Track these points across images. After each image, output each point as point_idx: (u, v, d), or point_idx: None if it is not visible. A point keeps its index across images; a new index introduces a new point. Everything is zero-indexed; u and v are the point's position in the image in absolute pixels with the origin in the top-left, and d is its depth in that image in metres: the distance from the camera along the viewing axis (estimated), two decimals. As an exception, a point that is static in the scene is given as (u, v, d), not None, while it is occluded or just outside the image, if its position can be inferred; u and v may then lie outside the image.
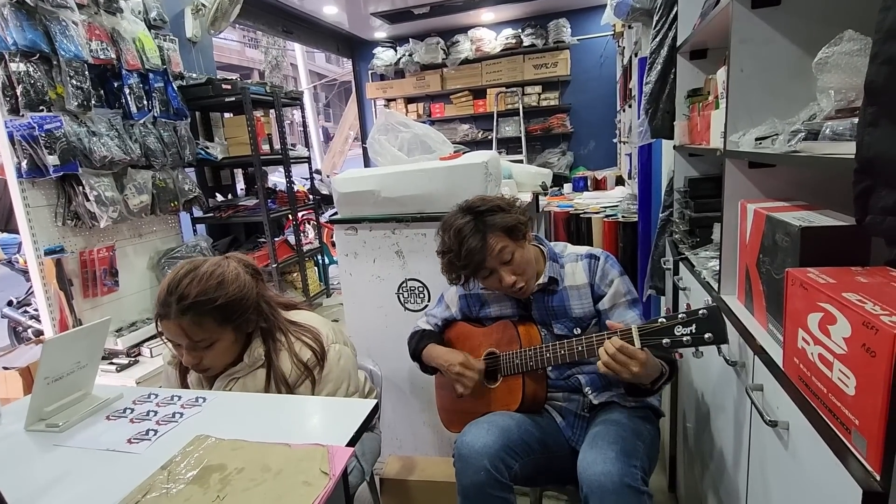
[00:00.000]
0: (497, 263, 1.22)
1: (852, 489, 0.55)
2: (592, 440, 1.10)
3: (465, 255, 1.21)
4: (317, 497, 0.58)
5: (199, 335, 1.01)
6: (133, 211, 2.48)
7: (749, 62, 1.03)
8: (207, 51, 3.46)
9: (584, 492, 1.01)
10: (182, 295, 0.99)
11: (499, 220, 1.22)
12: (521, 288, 1.24)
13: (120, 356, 2.42)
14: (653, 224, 2.20)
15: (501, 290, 1.26)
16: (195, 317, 0.99)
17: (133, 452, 0.74)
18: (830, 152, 0.68)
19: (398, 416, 1.86)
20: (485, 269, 1.22)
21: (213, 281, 1.02)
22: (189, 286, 1.00)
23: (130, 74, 2.50)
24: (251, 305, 1.07)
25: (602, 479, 0.99)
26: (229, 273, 1.06)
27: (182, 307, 0.98)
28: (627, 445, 1.07)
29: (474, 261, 1.21)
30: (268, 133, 3.37)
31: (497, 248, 1.21)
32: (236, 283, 1.05)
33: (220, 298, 1.01)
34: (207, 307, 1.00)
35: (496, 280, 1.24)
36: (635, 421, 1.17)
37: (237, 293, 1.04)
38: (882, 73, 0.43)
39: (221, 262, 1.08)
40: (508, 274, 1.22)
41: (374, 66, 5.79)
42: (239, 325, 1.06)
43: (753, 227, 0.96)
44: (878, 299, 0.60)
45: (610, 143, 5.17)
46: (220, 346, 1.05)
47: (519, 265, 1.23)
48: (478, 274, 1.24)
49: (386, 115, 2.04)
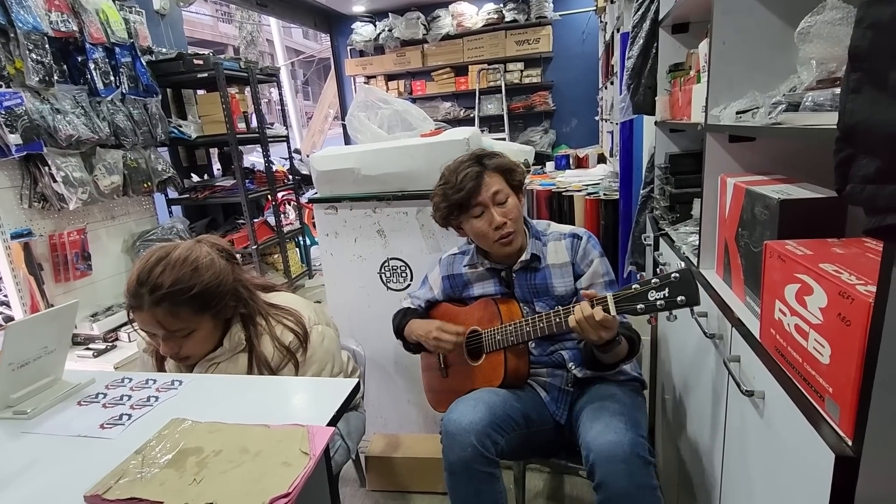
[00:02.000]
0: (490, 201, 1.22)
1: (825, 454, 0.57)
2: (596, 412, 1.11)
3: (461, 180, 1.21)
4: (296, 477, 0.58)
5: (175, 325, 0.97)
6: (104, 192, 2.39)
7: (731, 34, 1.02)
8: (177, 24, 3.31)
9: (592, 460, 1.01)
10: (155, 285, 0.94)
11: (497, 161, 1.26)
12: (511, 235, 1.23)
13: (96, 341, 2.37)
14: (634, 201, 2.21)
15: (489, 235, 1.23)
16: (171, 307, 0.95)
17: (106, 438, 0.72)
18: (811, 123, 0.68)
19: (382, 394, 1.86)
20: (477, 203, 1.22)
21: (188, 268, 0.97)
22: (162, 275, 0.95)
23: (95, 48, 2.38)
24: (228, 291, 1.03)
25: (613, 449, 1.00)
26: (203, 259, 1.01)
27: (156, 298, 0.94)
28: (631, 416, 1.08)
29: (468, 188, 1.20)
30: (243, 111, 3.27)
31: (493, 185, 1.22)
32: (211, 270, 1.00)
33: (195, 286, 0.96)
34: (183, 296, 0.95)
35: (486, 221, 1.22)
36: (628, 394, 1.20)
37: (213, 280, 0.99)
38: (867, 38, 0.42)
39: (193, 246, 1.03)
40: (500, 214, 1.22)
41: (352, 42, 5.64)
42: (217, 313, 1.02)
43: (733, 201, 0.97)
44: (854, 269, 0.61)
45: (592, 121, 5.16)
46: (199, 334, 1.01)
47: (511, 210, 1.24)
48: (471, 204, 1.22)
49: (365, 92, 1.99)
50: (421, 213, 1.66)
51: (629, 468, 0.98)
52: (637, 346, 1.19)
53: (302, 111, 11.20)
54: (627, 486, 0.97)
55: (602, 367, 1.19)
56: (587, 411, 1.14)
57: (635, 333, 1.19)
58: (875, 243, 0.69)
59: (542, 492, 1.68)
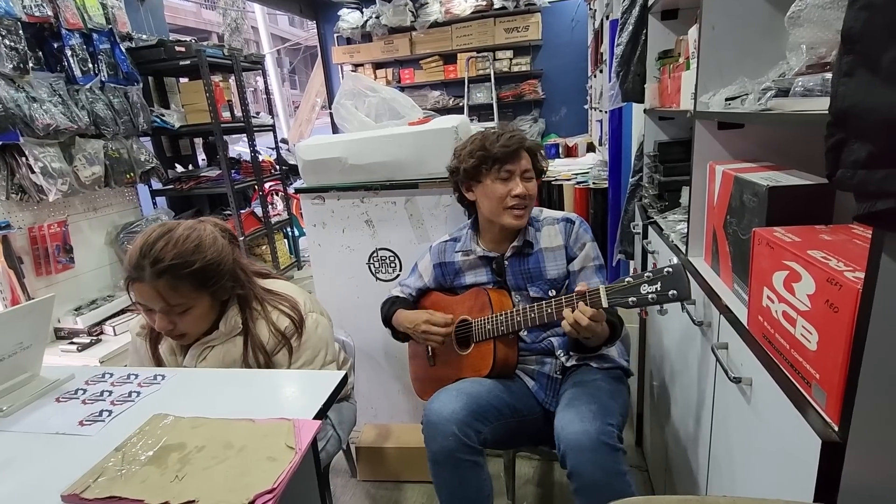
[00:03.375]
0: (520, 173, 1.25)
1: (812, 440, 0.57)
2: (569, 401, 1.12)
3: (507, 141, 1.23)
4: (282, 472, 0.57)
5: (174, 299, 0.97)
6: (85, 183, 2.33)
7: (721, 19, 1.01)
8: (157, 10, 3.22)
9: (562, 449, 1.03)
10: (157, 258, 0.94)
11: (532, 143, 1.30)
12: (524, 209, 1.25)
13: (81, 335, 2.33)
14: (623, 190, 2.21)
15: (503, 201, 1.24)
16: (171, 280, 0.95)
17: (85, 435, 0.70)
18: (801, 109, 0.67)
19: (372, 385, 1.85)
20: (510, 168, 1.24)
21: (190, 244, 0.97)
22: (164, 249, 0.95)
23: (71, 34, 2.31)
24: (228, 271, 1.03)
25: (580, 437, 1.01)
26: (206, 237, 1.01)
27: (157, 270, 0.94)
28: (602, 405, 1.09)
29: (512, 148, 1.23)
30: (228, 100, 3.20)
31: (525, 160, 1.26)
32: (214, 247, 1.00)
33: (197, 262, 0.97)
34: (184, 270, 0.95)
35: (507, 189, 1.24)
36: (608, 381, 1.20)
37: (215, 257, 1.00)
38: (861, 19, 0.41)
39: (196, 225, 1.03)
40: (522, 187, 1.24)
41: (339, 29, 5.53)
42: (215, 291, 1.02)
43: (721, 189, 0.97)
44: (842, 256, 0.60)
45: (581, 110, 5.14)
46: (196, 311, 1.01)
47: (531, 189, 1.26)
48: (506, 162, 1.23)
49: (352, 80, 1.95)
50: (409, 203, 1.64)
51: (596, 456, 0.99)
52: (619, 330, 1.21)
53: (289, 100, 11.04)
54: (596, 474, 0.99)
55: (586, 349, 1.21)
56: (563, 400, 1.16)
57: (617, 318, 1.20)
58: (862, 230, 0.69)
59: (532, 479, 1.69)
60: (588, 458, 0.99)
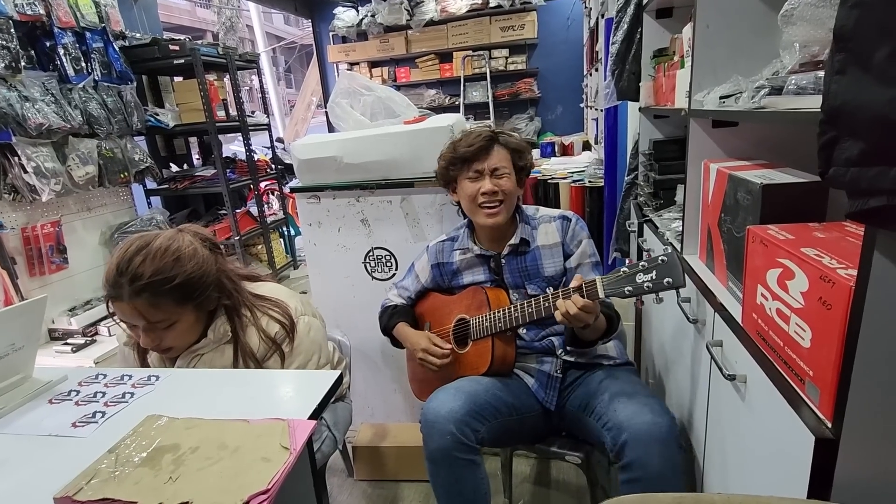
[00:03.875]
0: (489, 172, 1.25)
1: (805, 437, 0.57)
2: (625, 393, 1.09)
3: (473, 140, 1.26)
4: (276, 472, 0.56)
5: (156, 316, 0.94)
6: (78, 183, 2.32)
7: (715, 18, 1.01)
8: (151, 8, 3.20)
9: (624, 440, 1.00)
10: (135, 275, 0.91)
11: (510, 139, 1.30)
12: (496, 207, 1.25)
13: (75, 336, 2.32)
14: (619, 188, 2.22)
15: (475, 200, 1.27)
16: (151, 297, 0.92)
17: (78, 437, 0.70)
18: (794, 107, 0.67)
19: (369, 384, 1.85)
20: (477, 169, 1.26)
21: (169, 258, 0.94)
22: (142, 265, 0.92)
23: (64, 33, 2.29)
24: (212, 282, 1.00)
25: (652, 429, 0.99)
26: (185, 248, 0.98)
27: (136, 288, 0.91)
28: (660, 400, 1.08)
29: (476, 146, 1.25)
30: (223, 98, 3.18)
31: (497, 160, 1.26)
32: (194, 260, 0.97)
33: (177, 277, 0.93)
34: (164, 287, 0.92)
35: (477, 187, 1.26)
36: (637, 377, 1.21)
37: (196, 270, 0.97)
38: (852, 17, 0.41)
39: (175, 236, 1.00)
40: (491, 184, 1.24)
41: (335, 28, 5.52)
42: (200, 304, 1.00)
43: (716, 187, 0.97)
44: (835, 253, 0.61)
45: (577, 109, 5.14)
46: (181, 326, 0.98)
47: (505, 185, 1.25)
48: (471, 165, 1.26)
49: (348, 78, 1.94)
50: (405, 202, 1.64)
51: (667, 449, 0.97)
52: (616, 324, 1.20)
53: (284, 99, 10.99)
54: (662, 467, 0.96)
55: (583, 343, 1.20)
56: (609, 394, 1.12)
57: (614, 311, 1.20)
58: (855, 227, 0.69)
59: (529, 477, 1.70)
60: (657, 450, 0.97)
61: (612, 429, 1.04)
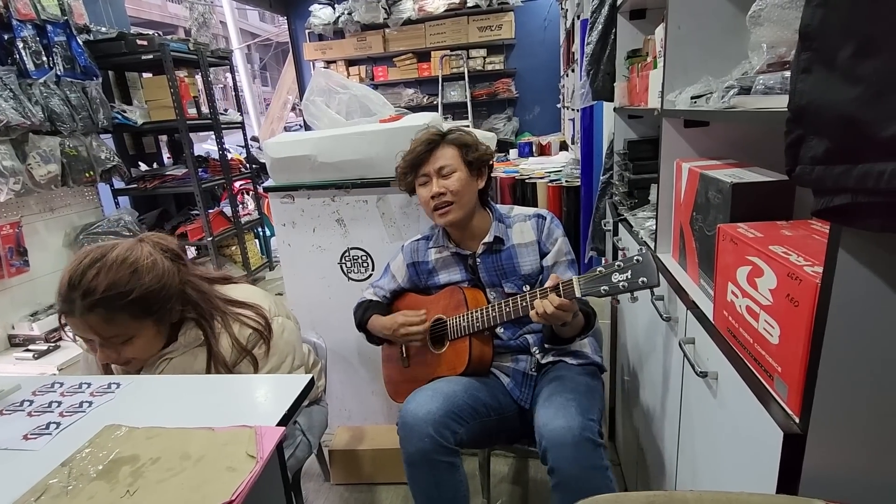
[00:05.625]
0: (434, 173, 1.26)
1: (774, 432, 0.58)
2: (548, 397, 1.12)
3: (415, 148, 1.27)
4: (241, 482, 0.54)
5: (110, 332, 0.89)
6: (39, 182, 2.23)
7: (686, 19, 1.03)
8: (117, 2, 3.10)
9: (544, 445, 1.03)
10: (88, 289, 0.86)
11: (456, 135, 1.30)
12: (446, 207, 1.25)
13: (37, 342, 2.22)
14: (595, 187, 2.24)
15: (428, 205, 1.28)
16: (106, 312, 0.87)
17: (29, 450, 0.65)
18: (762, 106, 0.68)
19: (345, 387, 1.82)
20: (423, 172, 1.27)
21: (125, 271, 0.89)
22: (96, 278, 0.86)
23: (23, 26, 2.20)
24: (173, 294, 0.95)
25: (563, 433, 1.01)
26: (144, 260, 0.92)
27: (88, 303, 0.86)
28: (583, 401, 1.10)
29: (418, 152, 1.27)
30: (194, 96, 3.10)
31: (442, 159, 1.26)
32: (153, 272, 0.92)
33: (134, 291, 0.88)
34: (119, 302, 0.87)
35: (427, 190, 1.27)
36: (585, 377, 1.21)
37: (154, 283, 0.91)
38: (817, 16, 0.41)
39: (134, 247, 0.94)
40: (439, 185, 1.25)
41: (311, 25, 5.44)
42: (160, 318, 0.95)
43: (688, 186, 0.98)
44: (802, 251, 0.61)
45: (554, 109, 5.19)
46: (139, 341, 0.94)
47: (453, 183, 1.25)
48: (417, 172, 1.28)
49: (323, 76, 1.91)
50: (381, 202, 1.62)
51: (579, 452, 1.00)
52: (593, 320, 1.21)
53: (260, 97, 10.79)
54: (578, 469, 0.99)
55: (561, 340, 1.20)
56: (541, 396, 1.15)
57: (591, 309, 1.21)
58: (821, 225, 0.70)
59: (507, 476, 1.70)
60: (570, 453, 0.99)
61: (537, 434, 1.07)
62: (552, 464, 1.01)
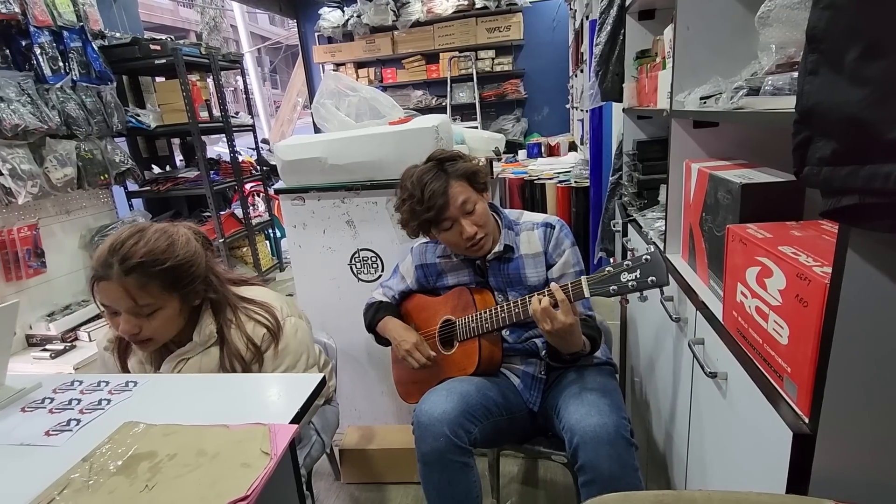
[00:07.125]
0: (459, 213, 1.19)
1: (784, 432, 0.58)
2: (578, 395, 1.11)
3: (429, 198, 1.17)
4: (256, 479, 0.55)
5: (143, 299, 0.94)
6: (56, 185, 2.27)
7: (695, 20, 1.03)
8: (131, 7, 3.15)
9: (576, 442, 1.02)
10: (127, 255, 0.92)
11: (460, 167, 1.22)
12: (481, 241, 1.22)
13: (54, 342, 2.27)
14: (604, 188, 2.23)
15: (460, 244, 1.23)
16: (141, 278, 0.92)
17: (51, 445, 0.68)
18: (770, 107, 0.68)
19: (356, 387, 1.84)
20: (447, 217, 1.19)
21: (162, 243, 0.96)
22: (135, 246, 0.93)
23: (40, 32, 2.24)
24: (200, 274, 1.01)
25: (598, 430, 1.00)
26: (179, 237, 0.99)
27: (126, 267, 0.91)
28: (614, 399, 1.09)
29: (437, 204, 1.17)
30: (206, 99, 3.14)
31: (460, 197, 1.18)
32: (187, 248, 0.99)
33: (168, 260, 0.94)
34: (155, 268, 0.93)
35: (457, 233, 1.20)
36: (605, 377, 1.21)
37: (187, 257, 0.98)
38: (824, 18, 0.42)
39: (169, 227, 1.01)
40: (470, 224, 1.19)
41: (320, 28, 5.48)
42: (186, 295, 0.99)
43: (697, 187, 0.98)
44: (811, 251, 0.61)
45: (563, 109, 5.18)
46: (164, 314, 0.97)
47: (480, 216, 1.21)
48: (441, 219, 1.19)
49: (333, 79, 1.93)
50: (391, 203, 1.63)
51: (615, 450, 0.99)
52: (598, 342, 1.20)
53: (270, 100, 10.89)
54: (612, 468, 0.98)
55: (562, 359, 1.18)
56: (567, 395, 1.14)
57: (597, 331, 1.20)
58: (830, 225, 0.70)
59: (517, 477, 1.70)
60: (606, 451, 0.99)
61: (567, 431, 1.06)
62: (584, 461, 1.00)
